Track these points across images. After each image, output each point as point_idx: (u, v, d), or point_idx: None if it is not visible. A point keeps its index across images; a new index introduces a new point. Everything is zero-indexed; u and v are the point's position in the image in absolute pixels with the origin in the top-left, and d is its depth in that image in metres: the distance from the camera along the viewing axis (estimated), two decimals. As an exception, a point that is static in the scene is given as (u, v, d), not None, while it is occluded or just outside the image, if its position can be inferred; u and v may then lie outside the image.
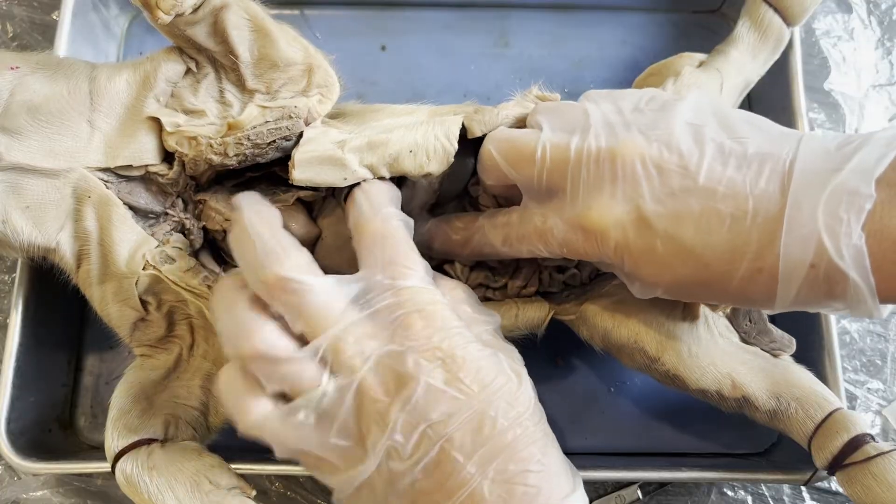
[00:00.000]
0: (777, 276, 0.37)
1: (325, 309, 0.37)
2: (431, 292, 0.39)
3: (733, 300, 0.41)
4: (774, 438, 0.58)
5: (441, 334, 0.37)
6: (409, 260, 0.40)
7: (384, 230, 0.41)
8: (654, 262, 0.40)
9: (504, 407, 0.36)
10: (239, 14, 0.45)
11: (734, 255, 0.37)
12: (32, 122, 0.44)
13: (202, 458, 0.45)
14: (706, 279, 0.39)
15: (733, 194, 0.37)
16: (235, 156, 0.46)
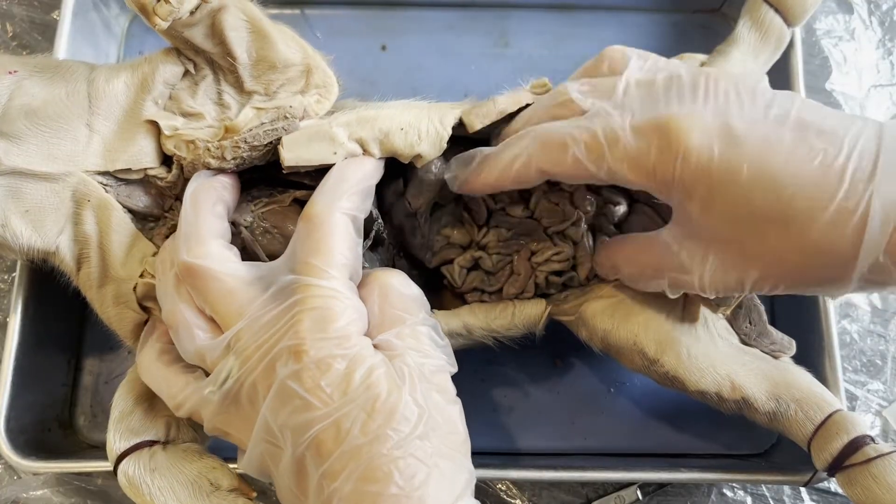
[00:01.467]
0: (867, 221, 0.34)
1: (228, 298, 0.39)
2: (335, 294, 0.38)
3: (807, 255, 0.36)
4: (774, 439, 0.58)
5: (320, 336, 0.37)
6: (327, 259, 0.39)
7: (319, 221, 0.40)
8: (734, 190, 0.36)
9: (363, 419, 0.35)
10: (236, 15, 0.45)
11: (823, 190, 0.34)
12: (31, 127, 0.44)
13: (203, 460, 0.45)
14: (787, 216, 0.35)
15: (828, 131, 0.35)
16: (233, 159, 0.46)
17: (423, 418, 0.36)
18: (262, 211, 0.48)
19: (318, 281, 0.38)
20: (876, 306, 0.63)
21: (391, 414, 0.35)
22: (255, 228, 0.48)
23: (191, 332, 0.40)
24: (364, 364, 0.37)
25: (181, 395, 0.41)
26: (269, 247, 0.48)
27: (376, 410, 0.35)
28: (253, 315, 0.38)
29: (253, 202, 0.49)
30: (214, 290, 0.39)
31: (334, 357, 0.36)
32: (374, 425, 0.35)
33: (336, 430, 0.35)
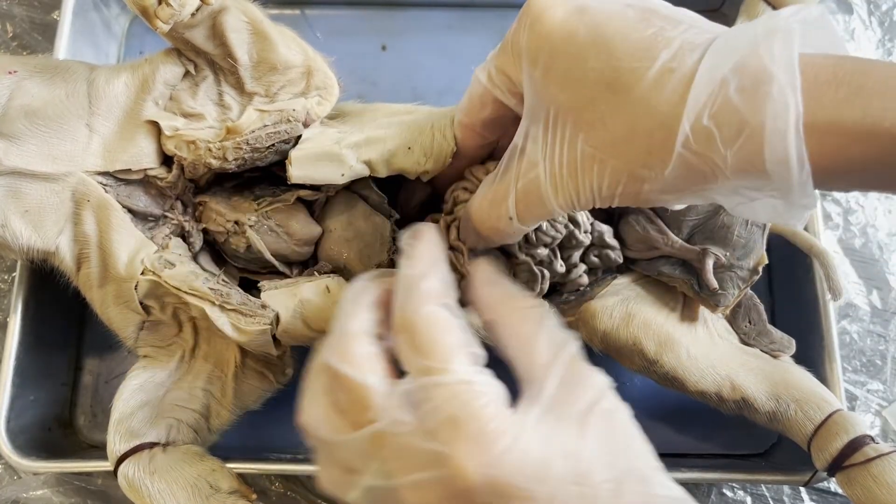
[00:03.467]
0: (693, 80, 0.32)
1: (363, 408, 0.35)
2: (469, 388, 0.33)
3: (632, 119, 0.34)
4: (774, 439, 0.58)
5: (480, 448, 0.32)
6: (439, 353, 0.35)
7: (411, 323, 0.36)
8: (571, 51, 0.35)
9: (575, 490, 0.32)
10: (237, 17, 0.45)
11: (650, 53, 0.33)
12: (31, 127, 0.44)
13: (203, 463, 0.46)
14: (615, 78, 0.34)
15: (671, 16, 0.35)
16: (235, 160, 0.46)
17: (624, 442, 0.34)
18: (267, 210, 0.49)
19: (442, 379, 0.34)
20: (876, 306, 0.63)
21: (598, 463, 0.33)
22: (259, 227, 0.48)
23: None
24: (537, 437, 0.33)
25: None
26: (273, 245, 0.48)
27: (586, 473, 0.32)
28: (387, 429, 0.34)
29: (256, 201, 0.49)
30: (354, 393, 0.35)
31: (502, 455, 0.32)
32: (588, 490, 0.32)
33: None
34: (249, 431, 0.51)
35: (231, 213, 0.49)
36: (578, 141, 0.36)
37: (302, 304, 0.46)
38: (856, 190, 0.34)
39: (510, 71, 0.39)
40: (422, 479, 0.33)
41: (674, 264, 0.49)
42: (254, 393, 0.50)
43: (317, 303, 0.47)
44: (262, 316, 0.46)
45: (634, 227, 0.50)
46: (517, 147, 0.39)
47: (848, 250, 0.65)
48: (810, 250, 0.54)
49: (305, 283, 0.47)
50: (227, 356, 0.49)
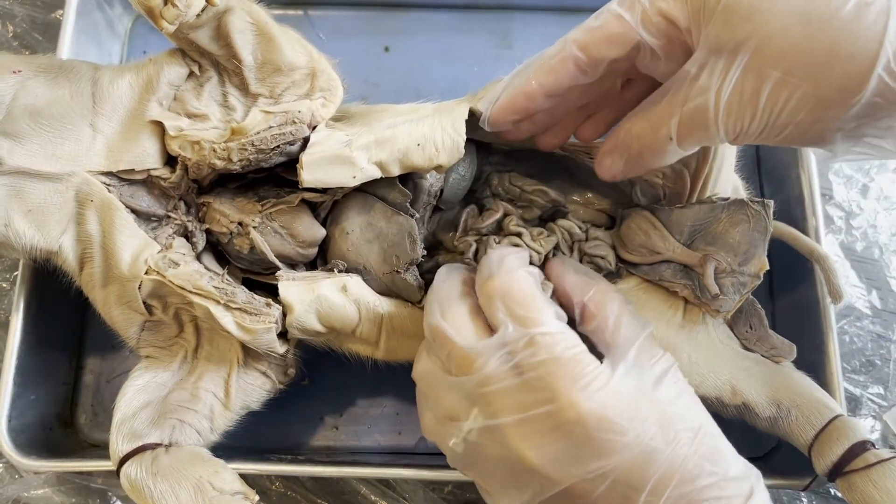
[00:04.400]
0: (889, 10, 0.34)
1: (468, 357, 0.39)
2: (562, 336, 0.38)
3: (831, 47, 0.36)
4: (774, 443, 0.58)
5: (581, 383, 0.37)
6: (532, 308, 0.39)
7: (506, 287, 0.40)
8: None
9: (658, 432, 0.36)
10: (242, 18, 0.45)
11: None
12: (35, 126, 0.44)
13: (206, 463, 0.46)
14: (807, 10, 0.36)
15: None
16: (239, 161, 0.46)
17: (691, 404, 0.39)
18: (271, 211, 0.49)
19: (541, 329, 0.38)
20: (876, 307, 0.63)
21: (678, 414, 0.37)
22: (263, 229, 0.48)
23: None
24: (626, 383, 0.38)
25: (431, 435, 0.43)
26: (278, 247, 0.48)
27: (668, 419, 0.37)
28: (490, 377, 0.38)
29: (261, 202, 0.49)
30: (458, 350, 0.40)
31: (600, 392, 0.37)
32: (671, 433, 0.36)
33: (644, 454, 0.36)
34: (251, 432, 0.51)
35: (235, 214, 0.49)
36: (766, 69, 0.37)
37: (318, 300, 0.47)
38: None
39: (675, 14, 0.39)
40: (529, 415, 0.37)
41: (675, 269, 0.49)
42: (256, 393, 0.50)
43: (333, 300, 0.47)
44: (267, 314, 0.46)
45: (636, 232, 0.50)
46: (688, 74, 0.40)
47: (849, 254, 0.65)
48: (811, 255, 0.54)
49: (324, 280, 0.47)
50: (230, 356, 0.49)
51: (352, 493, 0.57)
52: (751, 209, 0.48)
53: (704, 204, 0.49)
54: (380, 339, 0.49)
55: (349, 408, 0.59)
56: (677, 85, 0.41)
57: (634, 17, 0.40)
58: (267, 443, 0.57)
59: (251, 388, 0.50)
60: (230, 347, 0.49)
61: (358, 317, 0.48)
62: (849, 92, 0.36)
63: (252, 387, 0.50)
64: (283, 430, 0.58)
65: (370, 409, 0.59)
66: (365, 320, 0.48)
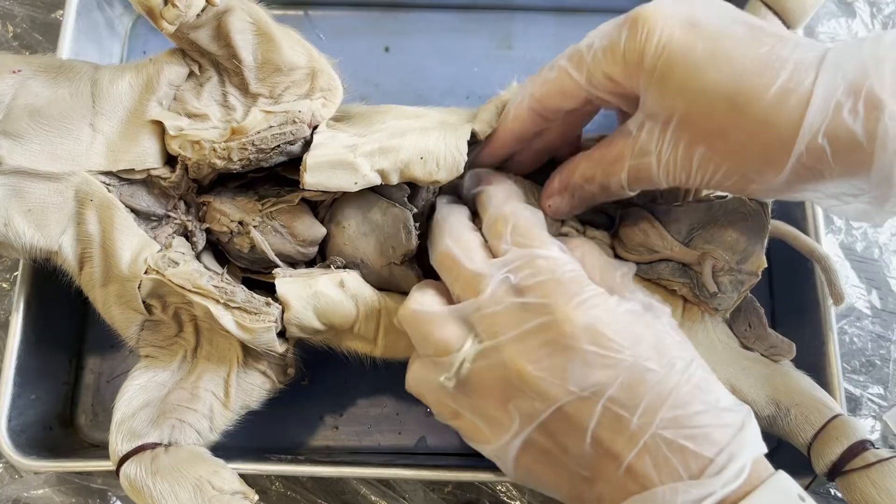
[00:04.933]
0: (810, 100, 0.36)
1: (476, 279, 0.41)
2: (565, 260, 0.40)
3: (750, 131, 0.38)
4: (773, 443, 0.58)
5: (580, 298, 0.38)
6: (538, 237, 0.42)
7: (514, 219, 0.43)
8: (689, 64, 0.39)
9: (653, 354, 0.37)
10: (242, 18, 0.45)
11: (769, 72, 0.37)
12: (34, 126, 0.45)
13: (205, 463, 0.46)
14: (734, 93, 0.38)
15: (778, 34, 0.39)
16: (239, 160, 0.46)
17: (684, 341, 0.40)
18: (271, 210, 0.49)
19: (543, 251, 0.40)
20: (876, 307, 0.63)
21: (673, 344, 0.38)
22: (263, 228, 0.48)
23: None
24: (624, 307, 0.39)
25: (416, 382, 0.44)
26: (278, 246, 0.48)
27: (664, 345, 0.38)
28: (490, 293, 0.40)
29: (261, 201, 0.49)
30: (464, 272, 0.42)
31: (599, 309, 0.38)
32: (665, 358, 0.37)
33: (639, 373, 0.36)
34: (250, 431, 0.51)
35: (235, 213, 0.49)
36: (693, 145, 0.40)
37: (316, 296, 0.47)
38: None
39: (618, 76, 0.42)
40: (526, 329, 0.38)
41: (673, 268, 0.49)
42: (255, 393, 0.50)
43: (331, 296, 0.47)
44: (267, 313, 0.46)
45: (634, 231, 0.50)
46: (630, 132, 0.43)
47: (849, 254, 0.65)
48: (811, 255, 0.54)
49: (321, 276, 0.47)
50: (229, 356, 0.49)
51: (352, 493, 0.57)
52: (749, 207, 0.48)
53: (702, 202, 0.49)
54: (378, 335, 0.49)
55: (349, 408, 0.59)
56: (622, 137, 0.44)
57: (581, 75, 0.43)
58: (267, 443, 0.57)
59: (251, 387, 0.50)
60: (230, 347, 0.49)
61: (356, 312, 0.48)
62: (767, 173, 0.39)
63: (252, 386, 0.50)
64: (283, 430, 0.58)
65: (370, 409, 0.59)
66: (363, 316, 0.48)
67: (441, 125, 0.48)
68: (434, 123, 0.48)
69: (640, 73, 0.41)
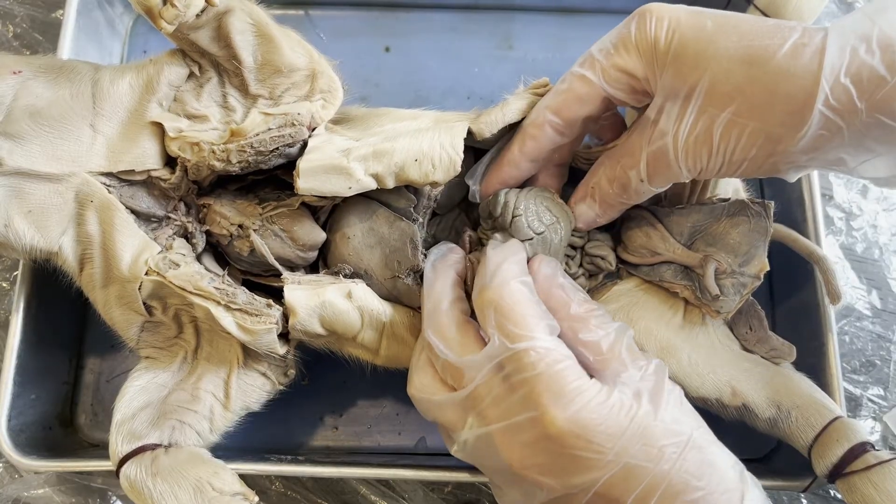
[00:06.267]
0: (825, 47, 0.38)
1: (456, 371, 0.42)
2: (549, 351, 0.39)
3: (771, 85, 0.39)
4: (773, 445, 0.58)
5: (563, 400, 0.38)
6: (519, 324, 0.40)
7: (497, 298, 0.41)
8: (701, 39, 0.40)
9: (640, 450, 0.37)
10: (243, 19, 0.45)
11: (780, 35, 0.39)
12: (35, 127, 0.44)
13: (206, 464, 0.46)
14: (749, 55, 0.39)
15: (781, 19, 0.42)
16: (238, 162, 0.46)
17: (680, 417, 0.39)
18: (271, 214, 0.49)
19: (525, 344, 0.39)
20: (876, 307, 0.63)
21: (663, 431, 0.37)
22: (263, 232, 0.48)
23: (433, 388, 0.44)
24: (610, 400, 0.38)
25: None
26: (278, 250, 0.48)
27: (652, 435, 0.37)
28: (479, 387, 0.40)
29: (261, 205, 0.49)
30: (452, 363, 0.42)
31: (581, 410, 0.37)
32: (653, 450, 0.37)
33: (625, 470, 0.36)
34: (250, 432, 0.51)
35: (235, 216, 0.49)
36: (715, 111, 0.41)
37: (323, 306, 0.46)
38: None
39: (632, 67, 0.43)
40: (514, 422, 0.38)
41: (676, 270, 0.49)
42: (256, 394, 0.50)
43: (338, 306, 0.47)
44: (268, 315, 0.46)
45: (637, 233, 0.50)
46: (649, 119, 0.44)
47: (849, 254, 0.65)
48: (810, 256, 0.54)
49: (329, 285, 0.47)
50: (230, 357, 0.49)
51: (352, 493, 0.57)
52: (751, 210, 0.48)
53: (705, 205, 0.49)
54: (380, 347, 0.49)
55: (349, 408, 0.59)
56: (640, 128, 0.44)
57: (596, 75, 0.44)
58: (267, 443, 0.57)
59: (251, 388, 0.50)
60: (230, 348, 0.49)
61: (360, 323, 0.48)
62: (793, 127, 0.39)
63: (252, 388, 0.50)
64: (283, 430, 0.58)
65: (370, 409, 0.59)
66: (367, 327, 0.48)
67: (436, 124, 0.48)
68: (429, 123, 0.48)
69: (655, 58, 0.42)
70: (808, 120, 0.38)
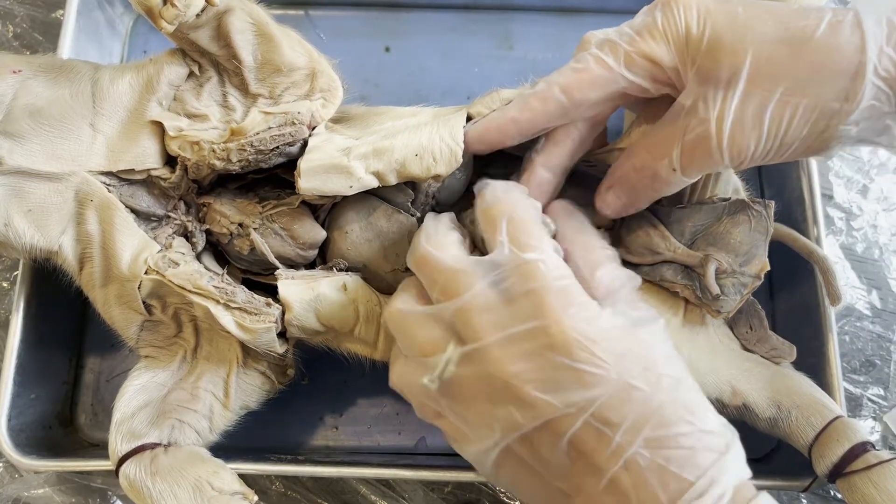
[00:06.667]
0: (860, 21, 0.38)
1: (454, 279, 0.39)
2: (557, 266, 0.39)
3: (818, 62, 0.39)
4: (773, 444, 0.58)
5: (570, 311, 0.37)
6: (533, 236, 0.39)
7: (510, 210, 0.41)
8: (736, 26, 0.40)
9: (640, 372, 0.36)
10: (243, 18, 0.45)
11: (810, 13, 0.40)
12: (35, 126, 0.44)
13: (205, 463, 0.46)
14: (788, 36, 0.40)
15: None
16: (238, 161, 0.46)
17: (675, 357, 0.38)
18: (271, 213, 0.49)
19: (534, 255, 0.38)
20: (876, 307, 0.63)
21: (661, 359, 0.37)
22: (263, 230, 0.48)
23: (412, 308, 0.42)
24: (615, 321, 0.38)
25: (399, 381, 0.42)
26: (278, 249, 0.48)
27: (652, 361, 0.37)
28: (475, 295, 0.38)
29: (261, 204, 0.49)
30: (444, 273, 0.40)
31: (588, 322, 0.37)
32: (653, 376, 0.36)
33: (625, 391, 0.35)
34: (250, 431, 0.51)
35: (235, 215, 0.49)
36: (765, 93, 0.40)
37: (318, 299, 0.47)
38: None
39: (660, 55, 0.42)
40: (512, 333, 0.37)
41: (676, 270, 0.49)
42: (255, 393, 0.50)
43: (333, 299, 0.47)
44: (267, 314, 0.46)
45: (637, 233, 0.50)
46: (683, 107, 0.43)
47: (850, 254, 0.65)
48: (809, 256, 0.54)
49: (323, 279, 0.47)
50: (229, 356, 0.49)
51: (352, 493, 0.57)
52: (752, 210, 0.48)
53: (705, 204, 0.49)
54: (378, 340, 0.49)
55: (349, 408, 0.59)
56: (672, 117, 0.43)
57: (618, 60, 0.43)
58: (267, 443, 0.57)
59: (250, 388, 0.50)
60: (229, 347, 0.49)
61: (356, 316, 0.48)
62: (847, 100, 0.39)
63: (251, 387, 0.50)
64: (283, 430, 0.58)
65: (370, 409, 0.59)
66: (363, 320, 0.48)
67: (434, 118, 0.48)
68: (427, 118, 0.48)
69: (687, 46, 0.41)
70: (860, 90, 0.39)
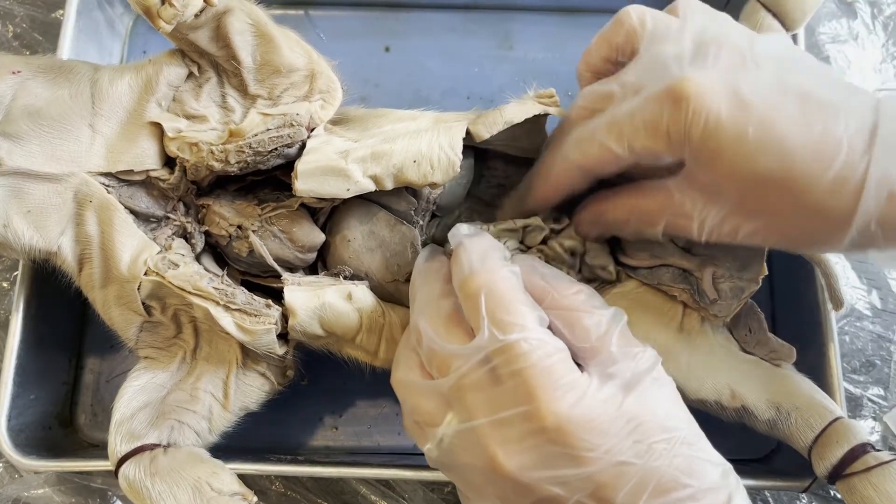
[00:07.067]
0: (863, 190, 0.36)
1: (444, 361, 0.39)
2: (541, 342, 0.37)
3: (804, 217, 0.38)
4: (773, 445, 0.58)
5: (557, 395, 0.36)
6: (512, 312, 0.38)
7: (488, 284, 0.39)
8: (740, 151, 0.38)
9: (630, 447, 0.36)
10: (242, 19, 0.45)
11: (823, 158, 0.37)
12: (34, 127, 0.44)
13: (204, 464, 0.46)
14: (788, 179, 0.37)
15: (828, 103, 0.37)
16: (237, 163, 0.46)
17: (671, 409, 0.38)
18: (270, 215, 0.49)
19: (515, 335, 0.37)
20: (876, 307, 0.63)
21: (655, 424, 0.37)
22: (262, 233, 0.48)
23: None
24: (601, 396, 0.37)
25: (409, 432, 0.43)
26: (277, 251, 0.48)
27: (642, 431, 0.36)
28: (465, 373, 0.38)
29: (260, 206, 0.49)
30: (440, 353, 0.40)
31: (576, 405, 0.36)
32: (643, 447, 0.36)
33: (616, 468, 0.36)
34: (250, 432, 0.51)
35: (234, 217, 0.49)
36: (742, 220, 0.40)
37: (323, 307, 0.46)
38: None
39: (661, 150, 0.41)
40: (503, 416, 0.37)
41: (674, 273, 0.49)
42: (254, 394, 0.50)
43: (338, 308, 0.47)
44: (267, 315, 0.46)
45: (636, 235, 0.50)
46: (669, 191, 0.42)
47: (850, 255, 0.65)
48: (811, 258, 0.54)
49: (329, 287, 0.47)
50: (229, 357, 0.49)
51: (351, 494, 0.57)
52: (751, 212, 0.48)
53: (704, 207, 0.49)
54: (379, 350, 0.49)
55: (349, 408, 0.59)
56: (656, 192, 0.43)
57: (622, 147, 0.42)
58: (267, 443, 0.57)
59: (250, 389, 0.50)
60: (229, 348, 0.49)
61: (359, 325, 0.47)
62: (818, 248, 0.42)
63: (251, 388, 0.50)
64: (282, 431, 0.58)
65: (370, 409, 0.59)
66: (366, 329, 0.48)
67: (435, 125, 0.47)
68: (428, 124, 0.48)
69: (685, 149, 0.40)
70: (832, 248, 0.40)
